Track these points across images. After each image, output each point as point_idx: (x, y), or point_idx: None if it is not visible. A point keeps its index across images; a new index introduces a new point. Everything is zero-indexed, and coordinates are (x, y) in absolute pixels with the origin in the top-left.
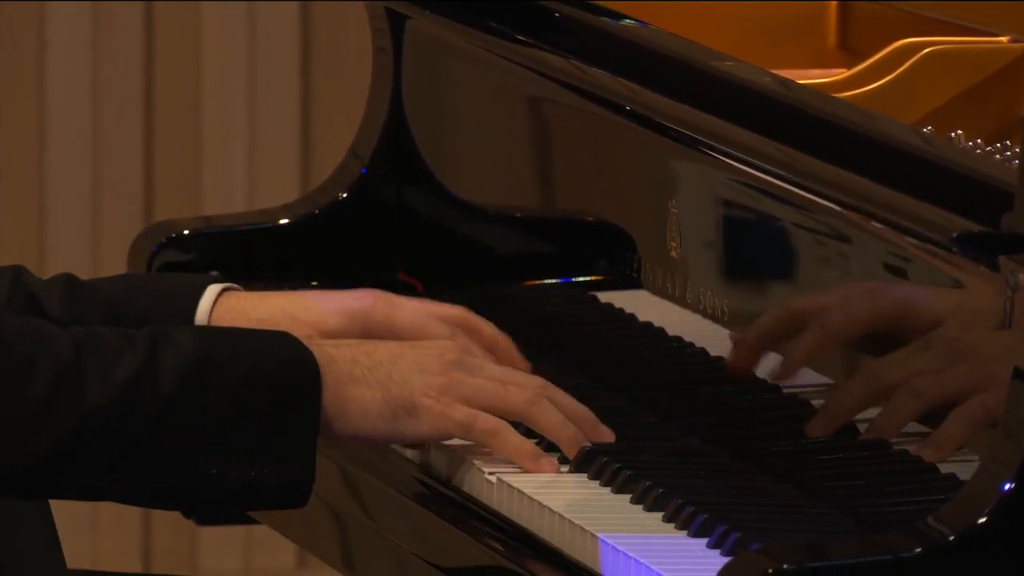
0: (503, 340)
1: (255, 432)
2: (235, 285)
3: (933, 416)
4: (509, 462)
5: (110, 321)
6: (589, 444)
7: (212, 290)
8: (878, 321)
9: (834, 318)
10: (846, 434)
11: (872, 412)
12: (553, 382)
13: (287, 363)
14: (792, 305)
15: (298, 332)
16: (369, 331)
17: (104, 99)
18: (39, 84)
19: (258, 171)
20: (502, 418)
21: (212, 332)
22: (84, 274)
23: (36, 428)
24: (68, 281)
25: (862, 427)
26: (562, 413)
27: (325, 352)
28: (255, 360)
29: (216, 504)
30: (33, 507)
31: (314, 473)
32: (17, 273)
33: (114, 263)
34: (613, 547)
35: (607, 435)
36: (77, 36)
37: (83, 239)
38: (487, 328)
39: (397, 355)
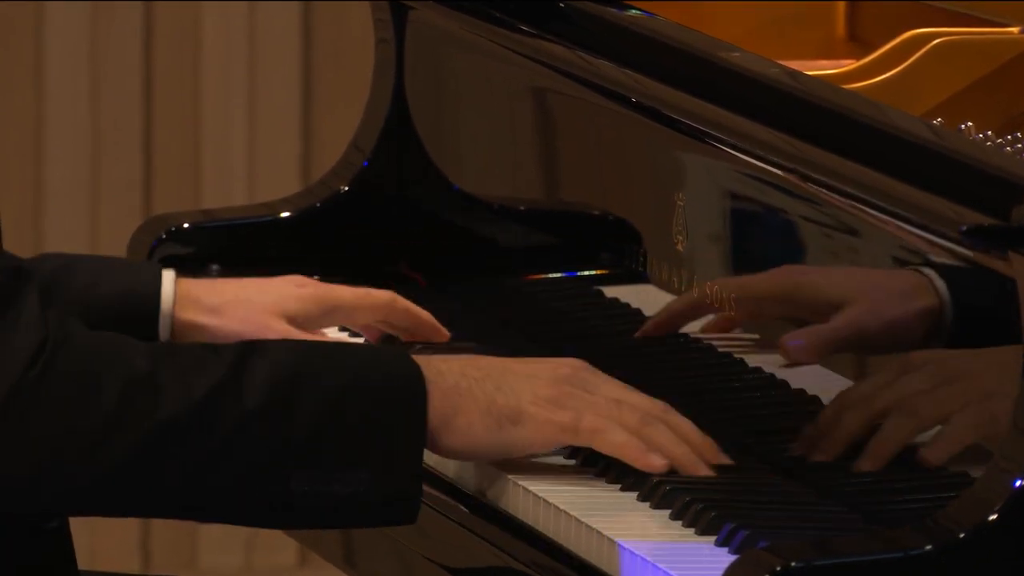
0: (425, 313)
1: (354, 446)
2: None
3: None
4: (516, 461)
5: (73, 300)
6: (706, 471)
7: (168, 275)
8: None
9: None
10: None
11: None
12: None
13: (391, 374)
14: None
15: (257, 315)
16: (323, 311)
17: (104, 92)
18: (38, 78)
19: (259, 164)
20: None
21: (311, 344)
22: None
23: (102, 441)
24: (53, 263)
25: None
26: (681, 438)
27: (433, 365)
28: (355, 372)
29: (314, 521)
30: None
31: (421, 488)
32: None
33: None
34: (620, 545)
35: (725, 462)
36: (76, 28)
37: (82, 233)
38: (414, 309)
39: (508, 368)
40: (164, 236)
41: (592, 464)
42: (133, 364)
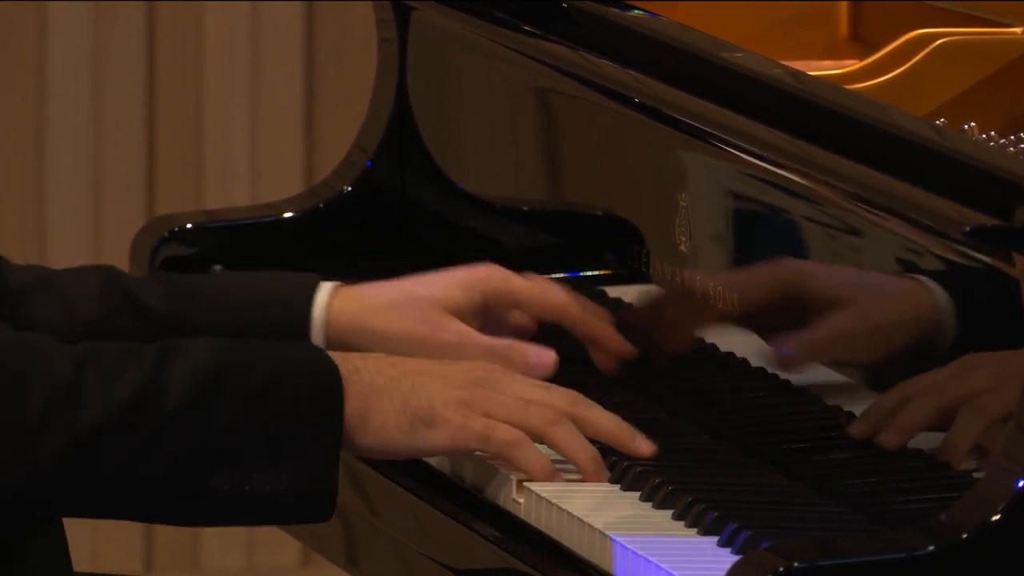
0: (609, 319)
1: (271, 444)
2: (341, 283)
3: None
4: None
5: (216, 313)
6: (605, 476)
7: (327, 285)
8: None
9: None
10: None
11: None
12: (558, 378)
13: (308, 373)
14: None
15: (423, 310)
16: (489, 301)
17: (106, 92)
18: (40, 78)
19: (261, 164)
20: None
21: (231, 343)
22: None
23: (29, 446)
24: (169, 276)
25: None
26: (593, 429)
27: (350, 363)
28: (272, 370)
29: (234, 519)
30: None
31: (336, 486)
32: (109, 271)
33: (116, 258)
34: (623, 545)
35: (646, 448)
36: (79, 28)
37: (85, 233)
38: (594, 306)
39: (424, 369)
40: (167, 236)
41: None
42: (57, 369)
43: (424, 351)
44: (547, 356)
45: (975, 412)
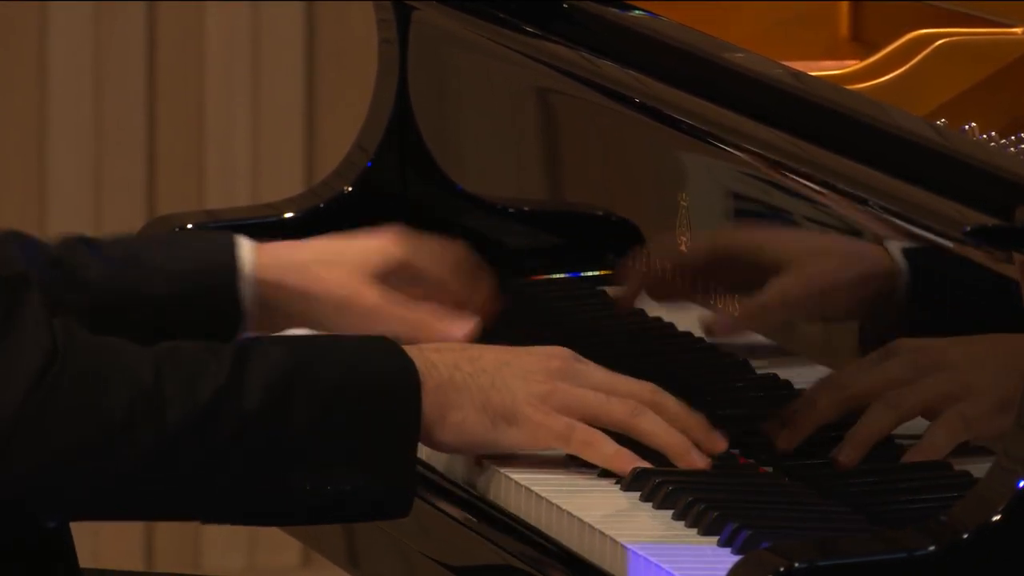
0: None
1: (351, 443)
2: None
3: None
4: (516, 459)
5: (143, 273)
6: (703, 462)
7: (246, 241)
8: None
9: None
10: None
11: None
12: None
13: (384, 369)
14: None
15: (344, 272)
16: (396, 271)
17: (107, 92)
18: (41, 78)
19: (262, 164)
20: (605, 428)
21: (307, 341)
22: None
23: (113, 451)
24: (86, 240)
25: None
26: (671, 421)
27: (426, 357)
28: (349, 368)
29: (314, 518)
30: None
31: (416, 482)
32: (17, 236)
33: None
34: (622, 545)
35: (719, 442)
36: (80, 28)
37: (86, 232)
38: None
39: (502, 362)
40: None
41: (594, 464)
42: (138, 373)
43: (343, 313)
44: (462, 327)
45: (884, 406)
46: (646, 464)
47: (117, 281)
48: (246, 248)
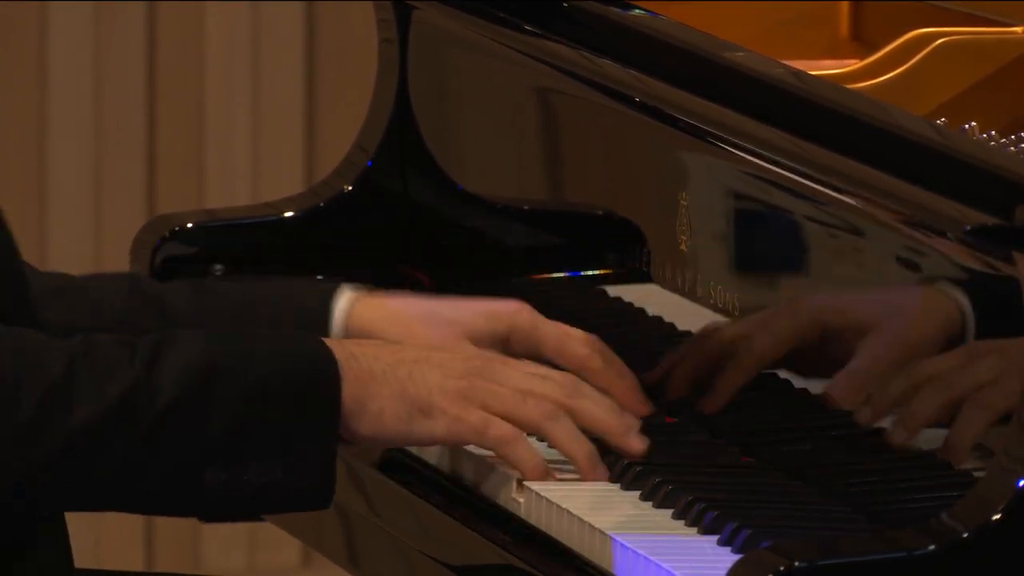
0: (628, 376)
1: (269, 435)
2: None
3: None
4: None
5: (238, 321)
6: (603, 475)
7: (348, 290)
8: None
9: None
10: (858, 430)
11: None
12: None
13: (304, 360)
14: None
15: (444, 328)
16: (513, 336)
17: (107, 91)
18: (41, 78)
19: (262, 164)
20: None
21: (225, 337)
22: (86, 268)
23: (23, 448)
24: (195, 283)
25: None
26: (589, 422)
27: (346, 349)
28: (267, 361)
29: (232, 513)
30: None
31: (335, 473)
32: (134, 278)
33: (116, 257)
34: (623, 544)
35: (637, 445)
36: (80, 28)
37: (86, 233)
38: (616, 360)
39: (422, 357)
40: (167, 236)
41: None
42: (50, 368)
43: None
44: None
45: (979, 408)
46: (563, 473)
47: (203, 315)
48: (346, 296)
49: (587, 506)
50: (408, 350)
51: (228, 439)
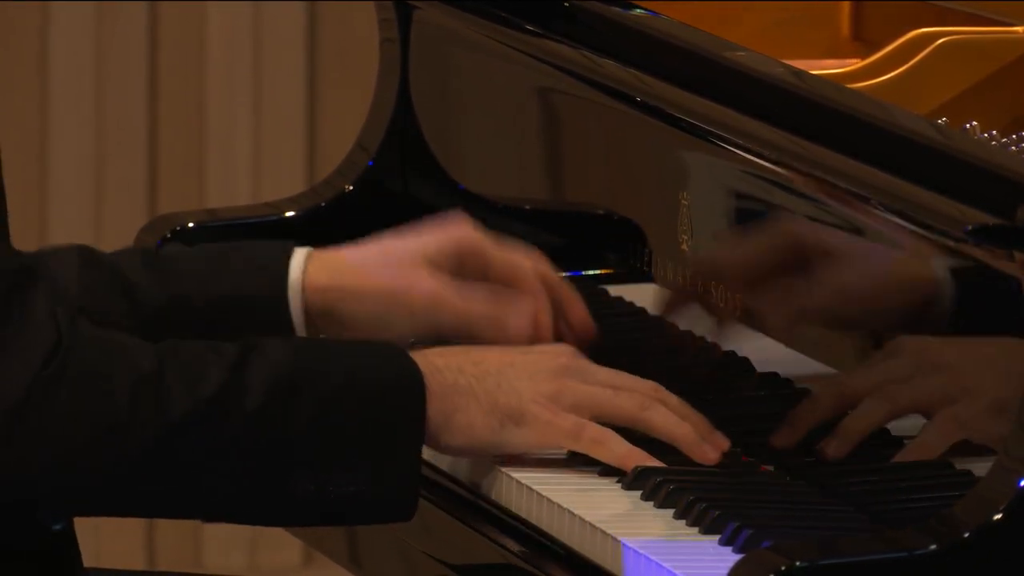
0: (576, 293)
1: (353, 446)
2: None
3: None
4: (519, 458)
5: (198, 294)
6: (714, 454)
7: (300, 251)
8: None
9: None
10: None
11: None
12: None
13: (389, 373)
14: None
15: (398, 265)
16: (462, 260)
17: (108, 91)
18: (42, 78)
19: (263, 163)
20: (614, 424)
21: (309, 343)
22: None
23: (115, 441)
24: (144, 251)
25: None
26: (674, 422)
27: (430, 362)
28: (353, 371)
29: (316, 521)
30: None
31: (419, 487)
32: (83, 250)
33: None
34: (624, 544)
35: (721, 441)
36: (81, 28)
37: (87, 232)
38: (559, 281)
39: (506, 363)
40: (169, 235)
41: (595, 463)
42: (141, 364)
43: (399, 307)
44: (518, 324)
45: (877, 400)
46: (658, 463)
47: (165, 290)
48: (298, 256)
49: (589, 507)
50: (491, 357)
51: (313, 445)
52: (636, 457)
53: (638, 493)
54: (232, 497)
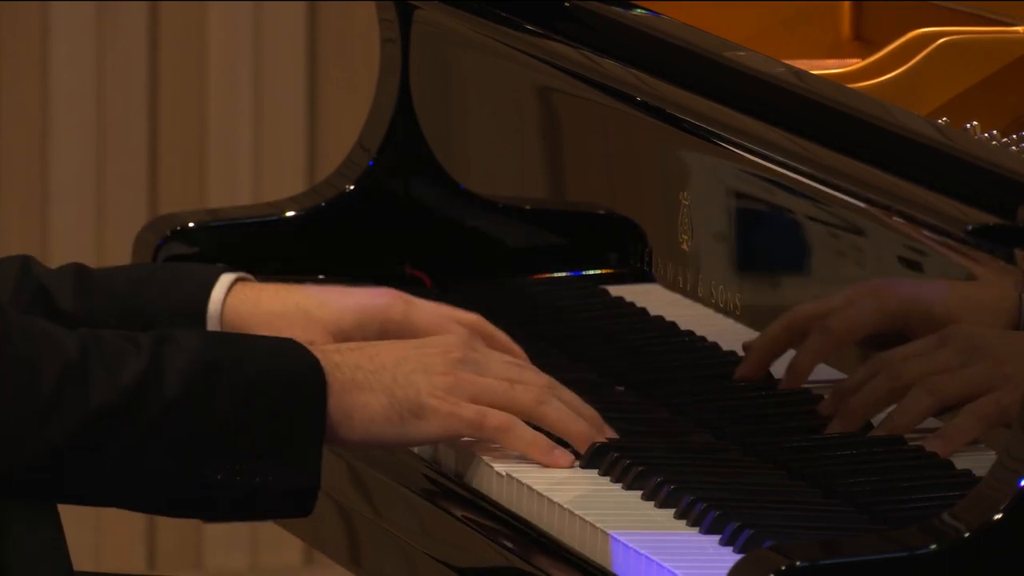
0: (516, 350)
1: (261, 437)
2: (247, 275)
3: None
4: (520, 458)
5: (121, 313)
6: (602, 440)
7: (224, 280)
8: (884, 320)
9: (839, 321)
10: (860, 430)
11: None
12: (562, 377)
13: (294, 369)
14: (799, 310)
15: (311, 329)
16: (386, 330)
17: (109, 91)
18: (43, 78)
19: (264, 163)
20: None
21: (218, 336)
22: None
23: (41, 425)
24: (78, 271)
25: (876, 422)
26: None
27: (329, 358)
28: (262, 364)
29: (222, 511)
30: (39, 507)
31: (319, 481)
32: (25, 263)
33: (118, 256)
34: (624, 544)
35: (612, 434)
36: (81, 28)
37: (87, 232)
38: (501, 337)
39: (401, 357)
40: (169, 235)
41: (594, 465)
42: (66, 351)
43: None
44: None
45: (924, 391)
46: (559, 451)
47: (91, 315)
48: (220, 289)
49: (590, 507)
50: (385, 352)
51: (224, 434)
52: (542, 444)
53: (639, 492)
54: (154, 486)
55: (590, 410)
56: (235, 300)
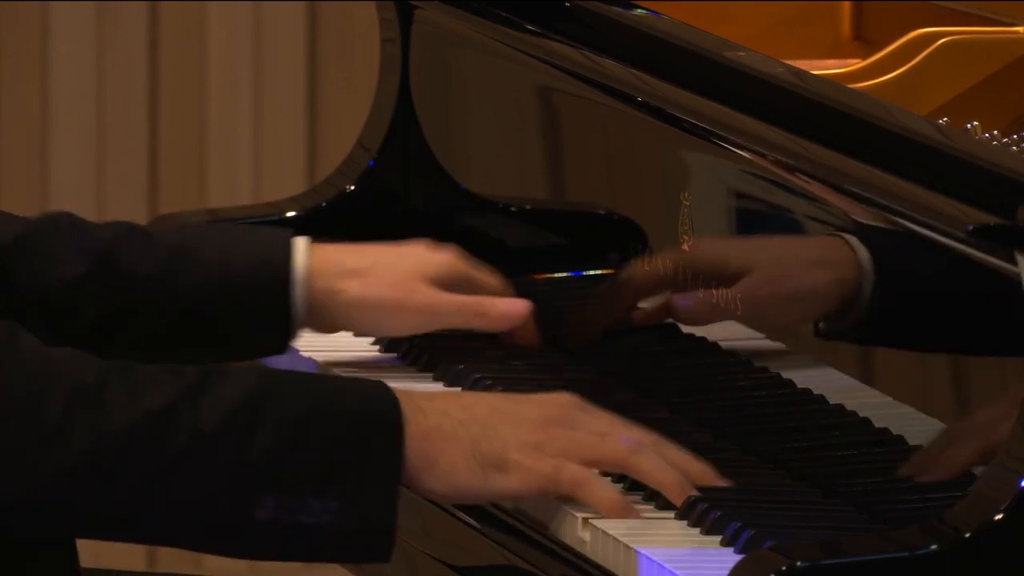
0: (494, 282)
1: (320, 472)
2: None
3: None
4: None
5: (202, 273)
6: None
7: (301, 245)
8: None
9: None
10: (860, 430)
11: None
12: (563, 377)
13: (362, 405)
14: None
15: (403, 279)
16: (454, 280)
17: (109, 91)
18: (43, 78)
19: (264, 163)
20: (604, 470)
21: (279, 372)
22: None
23: (49, 451)
24: (140, 231)
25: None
26: (669, 463)
27: (415, 404)
28: (322, 397)
29: (280, 553)
30: None
31: (395, 525)
32: (71, 224)
33: None
34: (624, 544)
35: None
36: (81, 27)
37: None
38: (480, 272)
39: (495, 409)
40: None
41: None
42: (80, 377)
43: (395, 314)
44: (518, 305)
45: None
46: (641, 508)
47: (167, 276)
48: (301, 249)
49: (589, 507)
50: (481, 403)
51: (276, 471)
52: (617, 502)
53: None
54: (179, 520)
55: (696, 464)
56: (316, 263)
